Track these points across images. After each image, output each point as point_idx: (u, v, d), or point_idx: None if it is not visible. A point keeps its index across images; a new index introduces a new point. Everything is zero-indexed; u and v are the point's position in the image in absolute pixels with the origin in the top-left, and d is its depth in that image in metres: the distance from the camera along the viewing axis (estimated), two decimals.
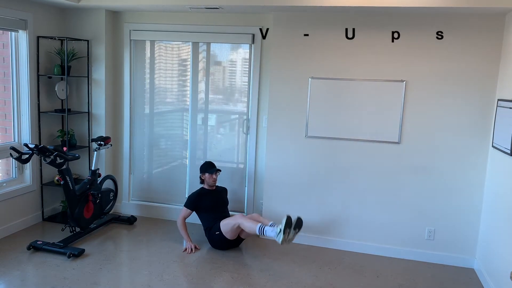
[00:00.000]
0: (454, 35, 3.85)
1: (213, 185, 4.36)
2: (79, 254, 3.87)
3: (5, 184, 4.29)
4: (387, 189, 4.17)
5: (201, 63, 4.73)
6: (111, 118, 4.97)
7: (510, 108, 3.34)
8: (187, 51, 4.75)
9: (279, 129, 4.36)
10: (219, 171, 4.38)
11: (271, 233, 3.65)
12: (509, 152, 3.28)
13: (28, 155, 3.83)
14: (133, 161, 5.09)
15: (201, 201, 4.25)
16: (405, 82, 4.00)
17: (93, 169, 4.38)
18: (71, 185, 4.06)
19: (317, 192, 4.34)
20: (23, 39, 4.30)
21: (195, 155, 4.90)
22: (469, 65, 3.85)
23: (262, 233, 3.71)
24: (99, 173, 4.47)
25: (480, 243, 3.96)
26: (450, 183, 4.02)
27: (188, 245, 4.13)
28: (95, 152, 4.40)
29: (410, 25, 3.93)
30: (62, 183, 4.01)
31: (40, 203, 4.70)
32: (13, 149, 3.80)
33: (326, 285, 3.58)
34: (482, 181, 3.96)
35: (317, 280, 3.66)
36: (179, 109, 4.88)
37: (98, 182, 4.47)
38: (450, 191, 4.03)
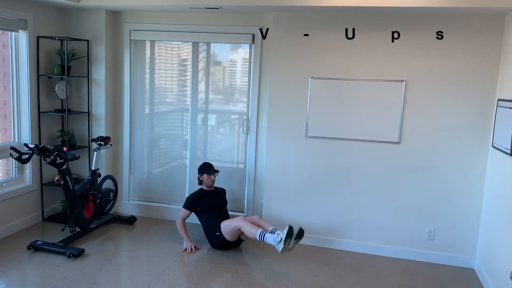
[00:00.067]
0: (454, 35, 3.85)
1: (212, 186, 4.36)
2: (79, 254, 3.88)
3: (5, 184, 4.29)
4: (387, 189, 4.17)
5: (201, 63, 4.73)
6: (111, 118, 4.97)
7: (510, 108, 3.34)
8: (187, 51, 4.75)
9: (279, 129, 4.36)
10: (217, 172, 4.38)
11: (271, 240, 3.64)
12: (509, 152, 3.28)
13: (28, 155, 3.83)
14: (133, 161, 5.09)
15: (199, 201, 4.25)
16: (405, 82, 4.00)
17: (93, 169, 4.38)
18: (71, 185, 4.06)
19: (317, 192, 4.34)
20: (23, 39, 4.30)
21: (195, 155, 4.90)
22: (469, 65, 3.85)
23: (262, 239, 3.71)
24: (99, 173, 4.47)
25: (480, 243, 3.96)
26: (450, 183, 4.02)
27: (188, 245, 4.13)
28: (95, 152, 4.40)
29: (410, 25, 3.93)
30: (62, 183, 4.01)
31: (40, 203, 4.70)
32: (13, 149, 3.80)
33: (326, 285, 3.58)
34: (482, 181, 3.96)
35: (317, 280, 3.66)
36: (179, 109, 4.88)
37: (98, 182, 4.47)
38: (450, 191, 4.03)
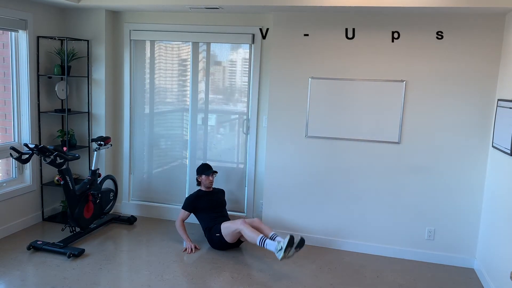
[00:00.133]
0: (454, 35, 3.85)
1: (210, 186, 4.37)
2: (79, 254, 3.87)
3: (5, 184, 4.29)
4: (387, 189, 4.17)
5: (201, 63, 4.73)
6: (111, 118, 4.97)
7: (510, 108, 3.34)
8: (187, 51, 4.75)
9: (279, 129, 4.36)
10: (216, 173, 4.39)
11: (272, 247, 3.63)
12: (509, 152, 3.28)
13: (28, 155, 3.83)
14: (133, 161, 5.09)
15: (198, 202, 4.26)
16: (405, 82, 4.00)
17: (93, 169, 4.38)
18: (71, 185, 4.06)
19: (317, 192, 4.34)
20: (23, 39, 4.30)
21: (195, 155, 4.90)
22: (469, 65, 3.85)
23: (262, 246, 3.69)
24: (99, 173, 4.47)
25: (480, 243, 3.96)
26: (450, 183, 4.02)
27: (188, 245, 4.13)
28: (95, 152, 4.40)
29: (410, 25, 3.93)
30: (62, 183, 4.01)
31: (40, 203, 4.70)
32: (13, 149, 3.80)
33: (326, 285, 3.58)
34: (482, 181, 3.96)
35: (317, 280, 3.66)
36: (179, 109, 4.88)
37: (98, 182, 4.47)
38: (450, 191, 4.03)
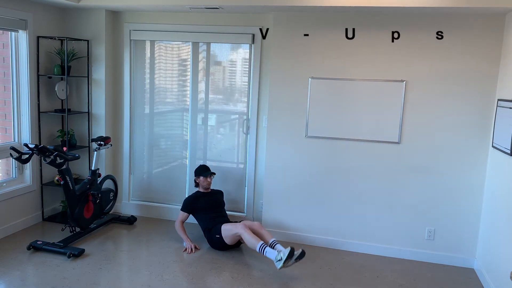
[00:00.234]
0: (454, 35, 3.85)
1: (208, 188, 4.37)
2: (79, 254, 3.87)
3: (5, 184, 4.29)
4: (387, 189, 4.17)
5: (201, 63, 4.73)
6: (111, 118, 4.97)
7: (510, 108, 3.34)
8: (187, 51, 4.74)
9: (279, 129, 4.36)
10: (214, 174, 4.39)
11: (271, 256, 3.62)
12: (509, 152, 3.28)
13: (28, 155, 3.83)
14: (133, 161, 5.09)
15: (197, 203, 4.26)
16: (405, 82, 4.00)
17: (93, 169, 4.38)
18: (71, 185, 4.06)
19: (317, 192, 4.34)
20: (23, 39, 4.30)
21: (195, 155, 4.90)
22: (469, 65, 3.85)
23: (262, 253, 3.68)
24: (99, 173, 4.47)
25: (480, 243, 3.96)
26: (450, 183, 4.02)
27: (188, 245, 4.13)
28: (95, 152, 4.40)
29: (410, 25, 3.93)
30: (62, 183, 4.01)
31: (40, 203, 4.70)
32: (13, 149, 3.80)
33: (326, 285, 3.58)
34: (482, 181, 3.96)
35: (317, 280, 3.66)
36: (179, 109, 4.88)
37: (98, 182, 4.47)
38: (450, 191, 4.03)
